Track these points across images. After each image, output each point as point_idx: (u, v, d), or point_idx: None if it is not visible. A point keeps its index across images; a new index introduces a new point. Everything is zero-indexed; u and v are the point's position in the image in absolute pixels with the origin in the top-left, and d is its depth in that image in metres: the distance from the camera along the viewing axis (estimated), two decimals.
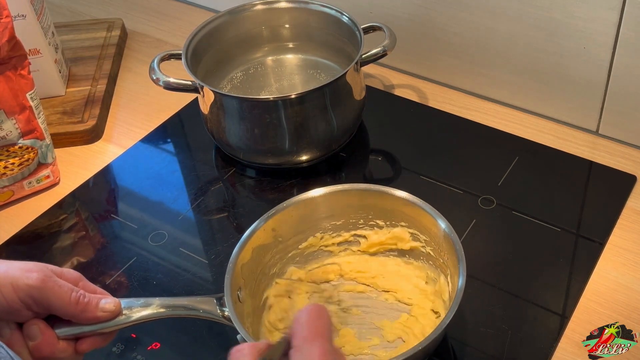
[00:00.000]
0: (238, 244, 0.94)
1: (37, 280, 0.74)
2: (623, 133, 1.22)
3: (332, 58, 1.33)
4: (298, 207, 0.99)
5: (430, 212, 0.95)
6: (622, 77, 1.16)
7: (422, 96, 1.36)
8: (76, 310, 0.77)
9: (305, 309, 0.66)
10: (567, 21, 1.15)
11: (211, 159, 1.28)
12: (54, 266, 0.79)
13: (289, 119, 1.15)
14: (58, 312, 0.77)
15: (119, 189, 1.24)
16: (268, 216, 0.97)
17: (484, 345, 0.95)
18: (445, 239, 0.93)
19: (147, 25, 1.61)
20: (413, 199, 0.97)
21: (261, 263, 0.98)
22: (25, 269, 0.75)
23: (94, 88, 1.39)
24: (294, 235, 1.01)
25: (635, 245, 1.06)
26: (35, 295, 0.74)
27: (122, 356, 0.96)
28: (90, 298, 0.78)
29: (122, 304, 0.81)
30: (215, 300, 0.87)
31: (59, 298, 0.76)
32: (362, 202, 1.01)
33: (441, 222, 0.93)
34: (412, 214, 0.98)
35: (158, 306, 0.83)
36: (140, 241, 1.13)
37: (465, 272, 0.86)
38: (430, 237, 0.97)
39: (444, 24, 1.29)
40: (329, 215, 1.02)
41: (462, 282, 0.86)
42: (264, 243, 0.98)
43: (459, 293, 0.85)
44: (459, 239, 0.90)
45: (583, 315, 0.98)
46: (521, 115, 1.30)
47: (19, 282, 0.74)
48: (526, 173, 1.18)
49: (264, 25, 1.34)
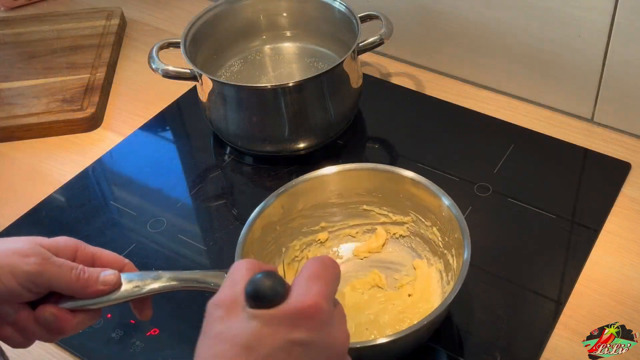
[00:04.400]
0: (249, 220, 0.96)
1: (36, 265, 0.74)
2: (618, 121, 1.22)
3: (329, 46, 1.34)
4: (308, 184, 1.01)
5: (435, 191, 0.96)
6: (617, 65, 1.16)
7: (418, 84, 1.37)
8: (77, 287, 0.77)
9: (316, 257, 0.66)
10: (563, 9, 1.15)
11: (209, 146, 1.28)
12: (49, 241, 0.78)
13: (287, 107, 1.15)
14: (60, 290, 0.77)
15: (118, 177, 1.25)
16: (278, 193, 0.99)
17: (480, 331, 0.96)
18: (449, 218, 0.94)
19: (146, 14, 1.61)
20: (419, 179, 0.98)
21: (270, 239, 1.00)
22: (22, 253, 0.74)
23: (93, 76, 1.39)
24: (303, 212, 1.03)
25: (629, 232, 1.07)
26: (35, 280, 0.74)
27: (121, 342, 0.97)
28: (90, 273, 0.78)
29: (134, 276, 0.82)
30: (226, 275, 0.87)
31: (59, 279, 0.75)
32: (371, 181, 1.02)
33: (445, 200, 0.95)
34: (418, 194, 0.99)
35: (169, 279, 0.82)
36: (139, 228, 1.14)
37: (470, 247, 0.88)
38: (436, 216, 0.99)
39: (440, 13, 1.29)
40: (338, 194, 1.03)
41: (467, 255, 0.88)
42: (274, 220, 0.99)
43: (465, 265, 0.86)
44: (462, 216, 0.92)
45: (578, 301, 0.99)
46: (517, 103, 1.30)
47: (17, 270, 0.73)
48: (522, 160, 1.19)
49: (262, 14, 1.34)
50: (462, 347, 0.95)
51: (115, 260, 0.83)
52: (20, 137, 1.30)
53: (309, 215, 1.04)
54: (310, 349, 0.59)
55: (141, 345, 0.97)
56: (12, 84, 1.38)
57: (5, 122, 1.30)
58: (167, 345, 0.97)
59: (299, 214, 1.03)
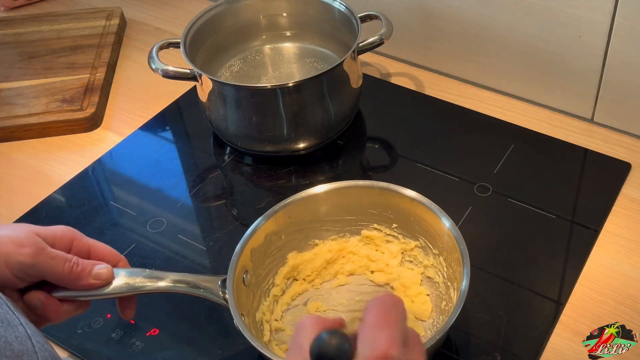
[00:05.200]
0: (250, 228, 0.95)
1: (30, 256, 0.74)
2: (618, 121, 1.22)
3: (329, 46, 1.34)
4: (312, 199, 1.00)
5: (436, 212, 0.94)
6: (617, 65, 1.16)
7: (418, 84, 1.37)
8: (69, 279, 0.77)
9: (379, 297, 0.63)
10: (563, 9, 1.15)
11: (209, 146, 1.28)
12: (46, 230, 0.78)
13: (287, 107, 1.15)
14: (52, 281, 0.77)
15: (118, 177, 1.25)
16: (285, 204, 0.98)
17: (479, 331, 0.96)
18: (449, 239, 0.93)
19: (146, 14, 1.61)
20: (421, 199, 0.96)
21: (272, 248, 0.99)
22: (17, 243, 0.74)
23: (93, 76, 1.39)
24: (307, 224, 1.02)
25: (629, 232, 1.07)
26: (28, 270, 0.74)
27: (121, 342, 0.97)
28: (84, 266, 0.78)
29: (127, 273, 0.82)
30: (219, 282, 0.88)
31: (52, 270, 0.76)
32: (375, 199, 1.00)
33: (446, 221, 0.93)
34: (421, 214, 0.97)
35: (161, 280, 0.83)
36: (139, 228, 1.14)
37: (469, 275, 0.86)
38: (438, 238, 0.96)
39: (440, 13, 1.29)
40: (343, 210, 1.02)
41: (465, 284, 0.86)
42: (277, 229, 0.98)
43: (462, 296, 0.84)
44: (463, 240, 0.90)
45: (578, 301, 0.99)
46: (517, 103, 1.30)
47: (11, 259, 0.73)
48: (522, 160, 1.19)
49: (262, 14, 1.34)
50: (462, 347, 0.95)
51: (111, 254, 0.83)
52: (20, 137, 1.30)
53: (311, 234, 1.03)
54: None
55: (141, 345, 0.96)
56: (12, 84, 1.38)
57: (5, 122, 1.30)
58: (167, 345, 0.97)
59: (303, 226, 1.02)
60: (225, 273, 0.89)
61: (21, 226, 0.78)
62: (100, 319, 0.99)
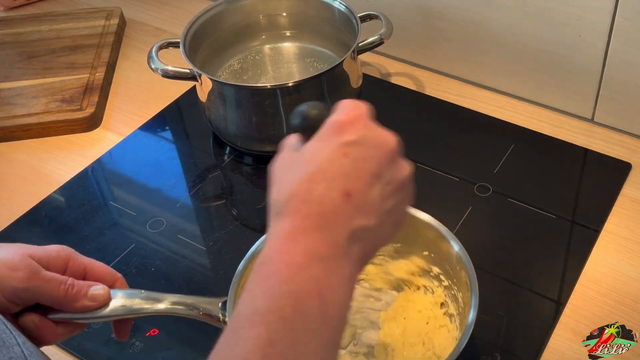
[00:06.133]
0: (252, 248, 0.90)
1: (23, 281, 0.72)
2: (618, 121, 1.22)
3: (329, 46, 1.34)
4: None
5: (446, 236, 0.90)
6: (617, 65, 1.16)
7: (418, 84, 1.37)
8: (65, 302, 0.74)
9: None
10: (563, 9, 1.15)
11: (209, 146, 1.28)
12: (40, 252, 0.76)
13: (287, 107, 1.15)
14: (47, 304, 0.75)
15: (118, 177, 1.25)
16: None
17: (480, 331, 0.95)
18: (458, 264, 0.89)
19: (145, 14, 1.61)
20: (433, 222, 0.92)
21: None
22: (10, 266, 0.72)
23: (92, 76, 1.39)
24: None
25: (630, 232, 1.07)
26: (21, 294, 0.72)
27: (121, 342, 0.96)
28: (79, 287, 0.75)
29: (124, 294, 0.80)
30: (220, 304, 0.83)
31: (47, 293, 0.73)
32: None
33: (454, 244, 0.89)
34: (431, 237, 0.92)
35: (159, 302, 0.81)
36: (139, 228, 1.14)
37: (477, 305, 0.83)
38: (449, 265, 0.92)
39: (440, 12, 1.29)
40: None
41: (472, 315, 0.82)
42: None
43: (469, 328, 0.81)
44: (472, 266, 0.86)
45: (578, 301, 0.99)
46: (517, 103, 1.30)
47: (5, 284, 0.71)
48: (522, 160, 1.19)
49: (262, 14, 1.34)
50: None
51: (108, 273, 0.81)
52: (20, 137, 1.30)
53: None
54: (361, 146, 0.64)
55: (141, 345, 0.96)
56: (12, 84, 1.38)
57: (4, 122, 1.29)
58: (166, 345, 0.97)
59: None
60: (225, 273, 0.88)
61: (15, 247, 0.75)
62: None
